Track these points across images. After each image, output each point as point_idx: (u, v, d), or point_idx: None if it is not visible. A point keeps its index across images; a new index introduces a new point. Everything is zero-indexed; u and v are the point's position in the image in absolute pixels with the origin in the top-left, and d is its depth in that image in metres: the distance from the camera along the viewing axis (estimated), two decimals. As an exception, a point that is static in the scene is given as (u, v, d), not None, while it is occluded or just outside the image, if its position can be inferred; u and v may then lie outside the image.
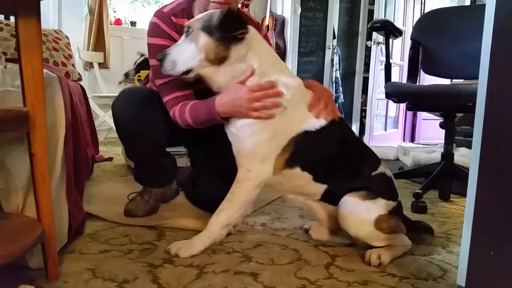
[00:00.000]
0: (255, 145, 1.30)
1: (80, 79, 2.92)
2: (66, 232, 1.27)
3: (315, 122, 1.34)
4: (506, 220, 0.85)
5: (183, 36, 1.35)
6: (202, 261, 1.26)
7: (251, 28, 1.34)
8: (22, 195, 1.13)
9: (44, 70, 1.16)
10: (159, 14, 1.59)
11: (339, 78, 5.20)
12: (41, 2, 1.04)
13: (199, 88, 1.71)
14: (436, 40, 2.52)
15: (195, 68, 1.32)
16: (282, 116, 1.30)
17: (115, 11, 5.19)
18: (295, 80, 1.37)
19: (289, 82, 1.34)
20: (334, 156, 1.38)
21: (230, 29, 1.27)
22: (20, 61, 0.94)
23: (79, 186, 1.52)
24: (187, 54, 1.31)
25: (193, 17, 1.57)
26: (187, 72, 1.33)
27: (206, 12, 1.37)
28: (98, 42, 4.49)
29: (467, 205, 0.93)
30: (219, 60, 1.31)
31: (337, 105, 4.83)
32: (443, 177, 2.22)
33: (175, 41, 1.54)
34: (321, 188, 1.40)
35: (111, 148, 3.69)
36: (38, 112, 0.98)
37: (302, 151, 1.33)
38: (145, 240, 1.43)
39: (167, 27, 1.56)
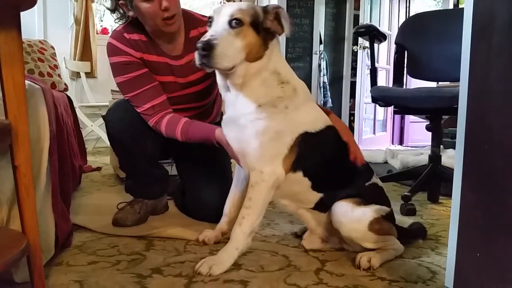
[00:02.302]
0: (260, 145, 1.28)
1: (66, 89, 2.90)
2: (53, 244, 1.25)
3: (315, 124, 1.35)
4: (491, 221, 0.85)
5: (225, 26, 1.21)
6: (191, 270, 1.25)
7: None
8: (6, 208, 1.11)
9: (27, 82, 1.15)
10: (113, 34, 1.66)
11: (326, 83, 5.23)
12: (26, 13, 1.03)
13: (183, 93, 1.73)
14: (420, 43, 2.55)
15: (237, 64, 1.24)
16: (284, 115, 1.29)
17: (101, 20, 5.17)
18: (300, 82, 1.37)
19: (297, 84, 1.34)
20: (332, 164, 1.40)
21: (287, 27, 1.25)
22: (0, 74, 0.93)
23: (65, 198, 1.50)
24: (234, 49, 1.21)
25: (143, 31, 1.62)
26: (231, 67, 1.24)
27: (242, 3, 1.30)
28: (85, 51, 4.46)
29: (453, 207, 0.94)
30: (256, 58, 1.26)
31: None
32: (431, 179, 2.24)
33: (132, 56, 1.61)
34: (316, 196, 1.40)
35: (100, 158, 3.67)
36: (20, 124, 0.97)
37: (306, 154, 1.33)
38: (133, 251, 1.41)
39: (122, 45, 1.62)
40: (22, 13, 0.98)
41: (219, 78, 1.34)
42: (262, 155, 1.29)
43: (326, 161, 1.39)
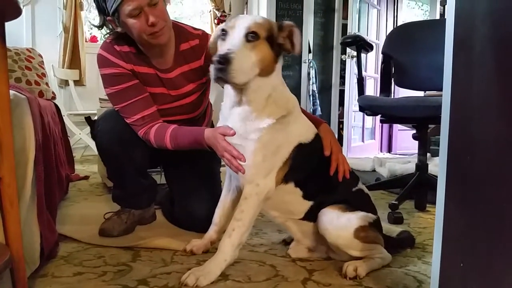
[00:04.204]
0: (263, 158, 1.29)
1: (54, 97, 2.88)
2: (38, 255, 1.24)
3: (308, 135, 1.38)
4: (473, 231, 0.86)
5: (241, 38, 1.20)
6: (177, 281, 1.24)
7: None
8: (-10, 219, 1.10)
9: (12, 92, 1.15)
10: (103, 45, 1.64)
11: (316, 91, 5.26)
12: (14, 20, 1.03)
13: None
14: (407, 53, 2.58)
15: (251, 79, 1.23)
16: (285, 130, 1.31)
17: (91, 28, 5.15)
18: (292, 95, 1.39)
19: (292, 98, 1.37)
20: (321, 171, 1.41)
21: (299, 46, 1.27)
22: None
23: (51, 208, 1.48)
24: (249, 63, 1.20)
25: (133, 43, 1.61)
26: (246, 83, 1.22)
27: (257, 16, 1.29)
28: (74, 59, 4.44)
29: (437, 217, 0.95)
30: (267, 73, 1.26)
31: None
32: (419, 188, 2.26)
33: (123, 68, 1.60)
34: (307, 205, 1.41)
35: (88, 166, 3.64)
36: (4, 135, 0.96)
37: (298, 165, 1.34)
38: (119, 262, 1.40)
39: (112, 56, 1.61)
40: (10, 21, 0.98)
41: (231, 94, 1.31)
42: (262, 168, 1.30)
43: (316, 169, 1.41)
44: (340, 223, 1.34)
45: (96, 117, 2.35)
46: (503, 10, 0.80)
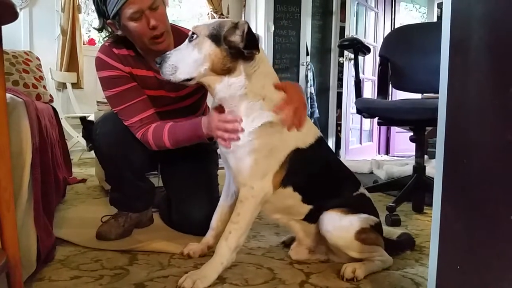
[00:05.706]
0: (255, 162, 1.28)
1: (51, 100, 2.88)
2: (35, 259, 1.24)
3: (305, 139, 1.36)
4: (470, 233, 0.86)
5: (186, 41, 1.30)
6: (174, 285, 1.24)
7: (261, 49, 1.32)
8: (-14, 223, 1.10)
9: (9, 95, 1.15)
10: (102, 48, 1.65)
11: (314, 94, 5.26)
12: (12, 24, 1.03)
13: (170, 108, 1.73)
14: (404, 56, 2.58)
15: (198, 76, 1.28)
16: (278, 133, 1.30)
17: (89, 31, 5.16)
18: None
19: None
20: (321, 176, 1.41)
21: (253, 45, 1.24)
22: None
23: (48, 211, 1.48)
24: (190, 60, 1.27)
25: (131, 46, 1.62)
26: (189, 79, 1.29)
27: (214, 20, 1.33)
28: (71, 62, 4.43)
29: (433, 220, 0.95)
30: (224, 71, 1.27)
31: (312, 120, 4.88)
32: (416, 190, 2.26)
33: (121, 70, 1.60)
34: (307, 208, 1.41)
35: (85, 169, 3.63)
36: (1, 138, 0.96)
37: (296, 169, 1.34)
38: (117, 265, 1.40)
39: (111, 59, 1.62)
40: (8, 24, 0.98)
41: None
42: (255, 171, 1.29)
43: (315, 174, 1.40)
44: (342, 225, 1.34)
45: (92, 119, 2.34)
46: (499, 13, 0.80)
